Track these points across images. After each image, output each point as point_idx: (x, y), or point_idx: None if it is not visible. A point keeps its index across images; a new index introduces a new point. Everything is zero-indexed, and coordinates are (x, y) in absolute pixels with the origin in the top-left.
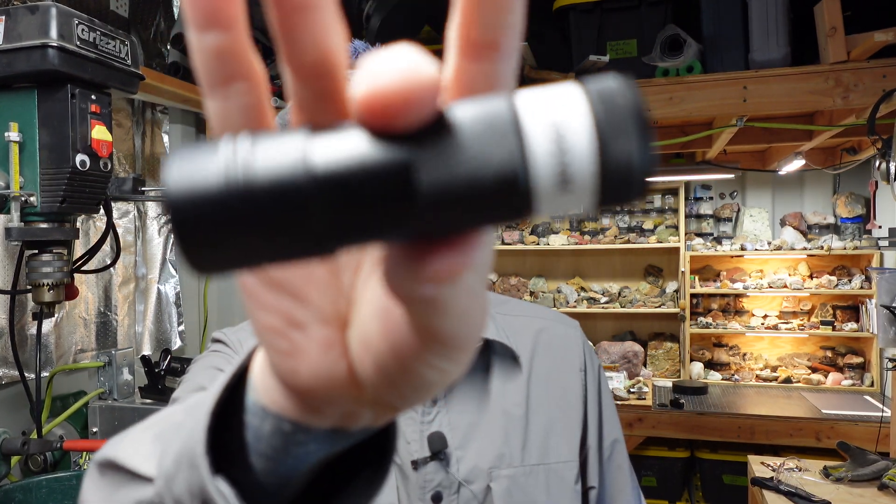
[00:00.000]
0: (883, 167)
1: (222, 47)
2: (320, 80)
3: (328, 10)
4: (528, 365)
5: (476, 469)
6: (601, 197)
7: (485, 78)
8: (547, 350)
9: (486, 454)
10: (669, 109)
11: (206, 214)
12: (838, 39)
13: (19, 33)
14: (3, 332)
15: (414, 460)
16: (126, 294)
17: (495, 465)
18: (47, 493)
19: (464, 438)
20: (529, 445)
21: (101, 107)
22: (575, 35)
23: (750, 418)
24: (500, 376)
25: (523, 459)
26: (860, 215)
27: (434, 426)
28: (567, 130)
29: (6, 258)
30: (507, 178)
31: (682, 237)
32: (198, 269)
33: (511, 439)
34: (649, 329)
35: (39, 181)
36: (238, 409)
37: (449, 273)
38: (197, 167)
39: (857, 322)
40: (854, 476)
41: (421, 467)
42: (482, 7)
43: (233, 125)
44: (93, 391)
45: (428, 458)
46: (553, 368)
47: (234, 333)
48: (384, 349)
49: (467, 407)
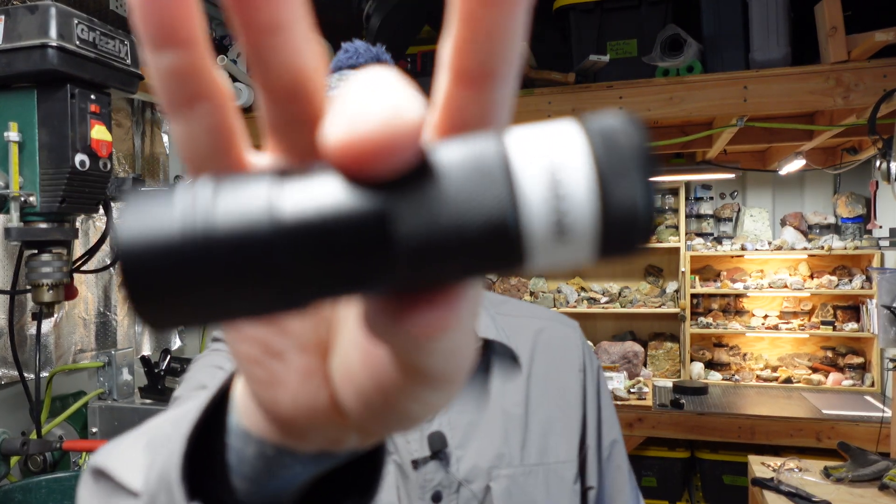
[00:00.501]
0: (883, 167)
1: (181, 67)
2: (294, 103)
3: (300, 30)
4: (528, 365)
5: (476, 468)
6: (602, 247)
7: (477, 105)
8: (546, 350)
9: (485, 454)
10: (669, 109)
11: (159, 266)
12: (839, 39)
13: (19, 33)
14: (3, 332)
15: (414, 459)
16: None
17: (495, 465)
18: (47, 494)
19: (463, 438)
20: (529, 445)
21: (101, 107)
22: (575, 35)
23: (750, 418)
24: (499, 376)
25: (522, 459)
26: (861, 215)
27: (434, 425)
28: (564, 173)
29: (6, 258)
30: (495, 228)
31: (683, 237)
32: (148, 323)
33: (510, 439)
34: (649, 329)
35: (39, 181)
36: (221, 429)
37: (432, 330)
38: (152, 214)
39: (857, 322)
40: (854, 476)
41: (421, 466)
42: (477, 35)
43: (200, 147)
44: (92, 391)
45: (428, 457)
46: (552, 368)
47: None
48: (366, 382)
49: (467, 406)
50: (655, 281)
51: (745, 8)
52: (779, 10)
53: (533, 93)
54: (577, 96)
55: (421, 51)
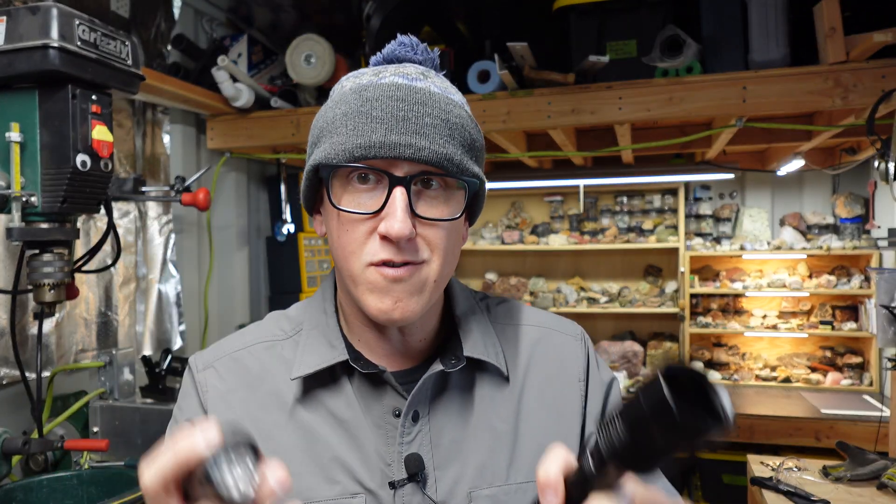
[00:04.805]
0: (882, 167)
1: None
2: None
3: None
4: (521, 378)
5: (454, 490)
6: None
7: None
8: (542, 361)
9: (466, 473)
10: (669, 110)
11: None
12: (837, 40)
13: (20, 34)
14: (5, 331)
15: (391, 482)
16: (127, 294)
17: (475, 486)
18: (48, 493)
19: (444, 457)
20: (517, 462)
21: (102, 107)
22: (575, 35)
23: (749, 418)
24: (487, 391)
25: (508, 477)
26: (859, 215)
27: (414, 446)
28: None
29: (7, 258)
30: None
31: (682, 237)
32: None
33: (497, 456)
34: (649, 329)
35: (40, 181)
36: None
37: None
38: None
39: (856, 322)
40: (853, 476)
41: (398, 489)
42: None
43: None
44: (93, 391)
45: (405, 479)
46: (548, 380)
47: (204, 368)
48: None
49: (450, 424)
50: (655, 281)
51: (744, 9)
52: (778, 11)
53: (532, 93)
54: (576, 97)
55: None
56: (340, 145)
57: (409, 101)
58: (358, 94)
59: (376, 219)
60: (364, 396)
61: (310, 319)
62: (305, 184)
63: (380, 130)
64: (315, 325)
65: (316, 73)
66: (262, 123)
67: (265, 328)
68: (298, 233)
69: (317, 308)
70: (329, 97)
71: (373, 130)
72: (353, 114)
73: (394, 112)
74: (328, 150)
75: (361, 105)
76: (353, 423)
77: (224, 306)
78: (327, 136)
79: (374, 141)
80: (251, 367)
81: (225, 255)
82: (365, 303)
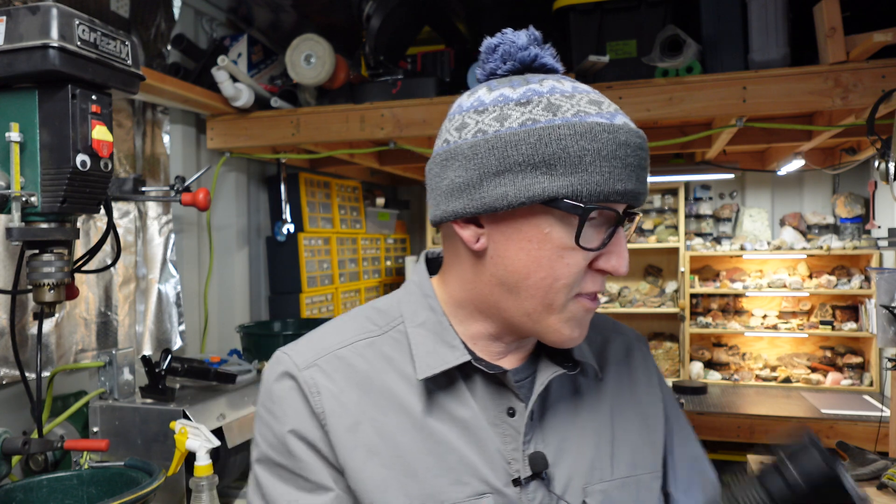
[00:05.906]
0: (882, 167)
1: None
2: None
3: None
4: (609, 378)
5: (571, 485)
6: None
7: None
8: (616, 362)
9: (579, 470)
10: (669, 109)
11: None
12: (838, 40)
13: (20, 34)
14: (4, 331)
15: (516, 479)
16: (126, 294)
17: (589, 482)
18: (48, 493)
19: (557, 456)
20: (618, 458)
21: (102, 107)
22: (575, 35)
23: (749, 418)
24: (585, 391)
25: (613, 473)
26: (859, 215)
27: (531, 446)
28: None
29: (7, 258)
30: None
31: (682, 237)
32: None
33: (601, 452)
34: (649, 329)
35: (40, 181)
36: None
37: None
38: None
39: (856, 322)
40: (853, 475)
41: (524, 486)
42: None
43: None
44: (93, 391)
45: (530, 477)
46: (629, 379)
47: (306, 367)
48: None
49: (559, 422)
50: (655, 281)
51: (744, 8)
52: (778, 11)
53: None
54: None
55: (421, 51)
56: (596, 186)
57: (644, 150)
58: (612, 134)
59: (594, 253)
60: (480, 396)
61: (412, 316)
62: (508, 197)
63: (632, 179)
64: (420, 323)
65: (316, 73)
66: (262, 123)
67: (359, 322)
68: (298, 233)
69: (419, 304)
70: (547, 110)
71: (628, 178)
72: (609, 156)
73: (640, 162)
74: (578, 187)
75: (617, 149)
76: (472, 424)
77: (224, 306)
78: (573, 169)
79: (629, 189)
80: (357, 365)
81: (225, 255)
82: (557, 330)
